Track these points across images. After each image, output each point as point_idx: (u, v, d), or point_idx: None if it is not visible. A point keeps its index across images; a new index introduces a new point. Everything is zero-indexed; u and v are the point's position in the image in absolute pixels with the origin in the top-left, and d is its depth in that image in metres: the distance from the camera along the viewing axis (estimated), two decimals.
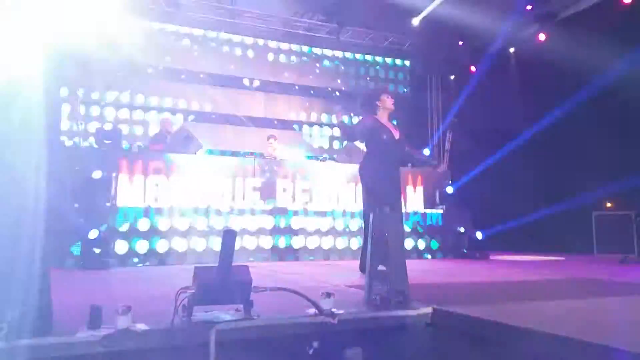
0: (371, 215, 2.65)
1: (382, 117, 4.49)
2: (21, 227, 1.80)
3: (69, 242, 5.49)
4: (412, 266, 5.34)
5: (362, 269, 4.31)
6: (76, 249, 5.47)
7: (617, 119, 7.89)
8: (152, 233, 5.99)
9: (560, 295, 3.10)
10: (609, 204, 8.30)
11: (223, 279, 2.09)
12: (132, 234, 5.89)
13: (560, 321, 2.22)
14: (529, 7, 9.60)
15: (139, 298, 2.97)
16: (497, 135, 10.30)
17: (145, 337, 1.93)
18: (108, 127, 6.58)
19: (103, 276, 4.52)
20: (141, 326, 1.98)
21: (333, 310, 2.31)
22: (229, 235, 2.12)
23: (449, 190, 7.76)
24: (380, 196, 4.14)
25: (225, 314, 2.18)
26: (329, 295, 2.33)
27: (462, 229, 7.61)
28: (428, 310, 2.51)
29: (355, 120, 9.93)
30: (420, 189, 7.76)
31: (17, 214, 1.81)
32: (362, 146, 5.45)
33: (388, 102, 4.50)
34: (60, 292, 3.25)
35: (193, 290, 2.09)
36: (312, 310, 2.30)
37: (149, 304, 2.67)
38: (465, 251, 7.23)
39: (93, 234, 5.37)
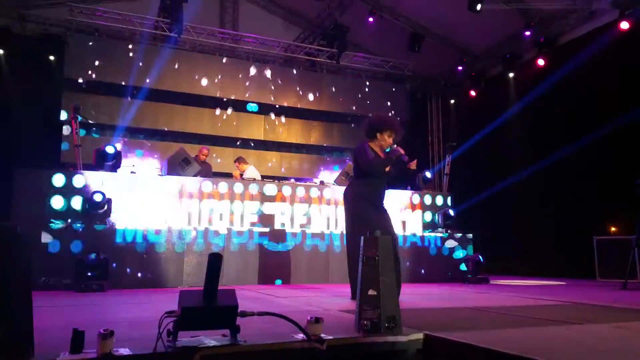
0: (362, 239, 2.62)
1: (375, 147, 4.47)
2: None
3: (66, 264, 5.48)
4: (408, 290, 5.29)
5: (353, 295, 4.25)
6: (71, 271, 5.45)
7: (620, 143, 7.88)
8: (149, 255, 5.95)
9: (557, 321, 3.03)
10: (613, 228, 8.24)
11: (208, 304, 2.06)
12: (129, 256, 5.85)
13: (554, 348, 2.17)
14: (527, 33, 9.71)
15: (127, 322, 2.93)
16: (497, 158, 10.32)
17: None
18: (109, 149, 6.60)
19: (95, 299, 4.47)
20: (124, 351, 1.95)
21: (322, 335, 2.27)
22: (214, 259, 2.10)
23: (450, 213, 7.72)
24: (369, 220, 4.10)
25: (210, 339, 2.14)
26: (318, 320, 2.28)
27: (462, 253, 7.54)
28: (419, 336, 2.46)
29: None
30: (419, 212, 7.73)
31: None
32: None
33: (387, 140, 4.42)
34: (47, 316, 3.22)
35: (178, 315, 2.06)
36: (301, 336, 2.25)
37: (136, 328, 2.64)
38: (468, 275, 7.14)
39: (92, 258, 5.33)
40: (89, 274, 5.28)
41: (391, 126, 4.47)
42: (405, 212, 7.63)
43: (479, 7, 8.87)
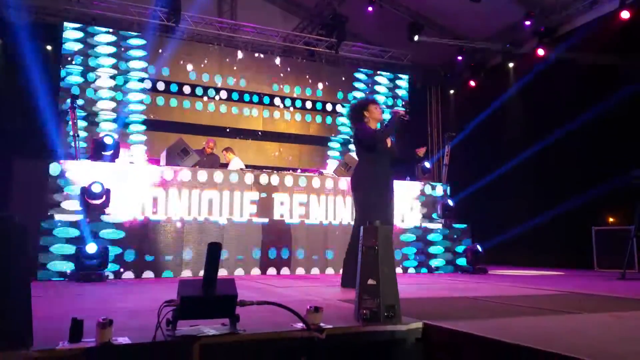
0: (361, 228, 2.62)
1: (371, 124, 4.49)
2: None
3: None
4: (407, 280, 5.31)
5: (344, 284, 4.29)
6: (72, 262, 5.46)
7: (618, 133, 7.87)
8: (149, 245, 5.95)
9: (556, 310, 3.04)
10: (611, 219, 8.25)
11: (208, 293, 2.06)
12: (128, 246, 5.85)
13: (552, 337, 2.18)
14: (527, 23, 9.65)
15: (126, 311, 2.94)
16: (496, 149, 10.31)
17: (126, 351, 1.89)
18: (107, 140, 6.57)
19: (94, 288, 4.48)
20: (123, 340, 1.95)
21: (321, 324, 2.27)
22: (214, 248, 2.09)
23: (450, 203, 7.72)
24: (373, 208, 4.11)
25: (210, 329, 2.14)
26: (317, 309, 2.29)
27: (461, 244, 7.55)
28: (419, 325, 2.46)
29: None
30: (418, 202, 7.74)
31: None
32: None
33: (376, 112, 4.51)
34: (46, 305, 3.23)
35: (177, 304, 2.05)
36: (300, 325, 2.26)
37: (135, 317, 2.64)
38: (466, 265, 7.16)
39: (91, 248, 5.33)
40: (88, 263, 5.27)
41: (371, 100, 4.67)
42: (404, 203, 7.62)
43: None
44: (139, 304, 3.42)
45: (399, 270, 6.70)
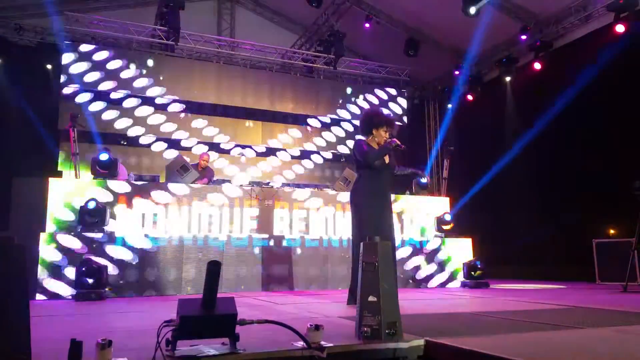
0: (361, 244, 2.61)
1: (372, 143, 4.49)
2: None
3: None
4: (408, 296, 5.28)
5: (351, 300, 4.25)
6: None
7: (618, 145, 7.89)
8: (148, 262, 5.93)
9: (558, 325, 3.02)
10: (612, 231, 8.22)
11: (207, 312, 2.04)
12: (127, 264, 5.83)
13: (556, 353, 2.16)
14: (523, 37, 9.74)
15: (125, 331, 2.91)
16: (494, 162, 10.32)
17: None
18: (103, 157, 6.58)
19: (93, 308, 4.44)
20: None
21: (322, 343, 2.25)
22: (213, 267, 2.09)
23: (448, 217, 7.71)
24: (372, 223, 4.09)
25: (210, 349, 2.12)
26: (317, 327, 2.27)
27: (460, 257, 7.52)
28: (420, 342, 2.44)
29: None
30: (418, 216, 7.72)
31: None
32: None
33: (383, 136, 4.43)
34: (45, 326, 3.20)
35: (177, 324, 2.04)
36: (301, 343, 2.24)
37: (135, 338, 2.61)
38: (467, 280, 7.12)
39: (88, 265, 5.30)
40: (87, 282, 5.24)
41: (386, 122, 4.49)
42: (403, 217, 7.61)
43: (472, 10, 8.91)
44: (138, 324, 3.39)
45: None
